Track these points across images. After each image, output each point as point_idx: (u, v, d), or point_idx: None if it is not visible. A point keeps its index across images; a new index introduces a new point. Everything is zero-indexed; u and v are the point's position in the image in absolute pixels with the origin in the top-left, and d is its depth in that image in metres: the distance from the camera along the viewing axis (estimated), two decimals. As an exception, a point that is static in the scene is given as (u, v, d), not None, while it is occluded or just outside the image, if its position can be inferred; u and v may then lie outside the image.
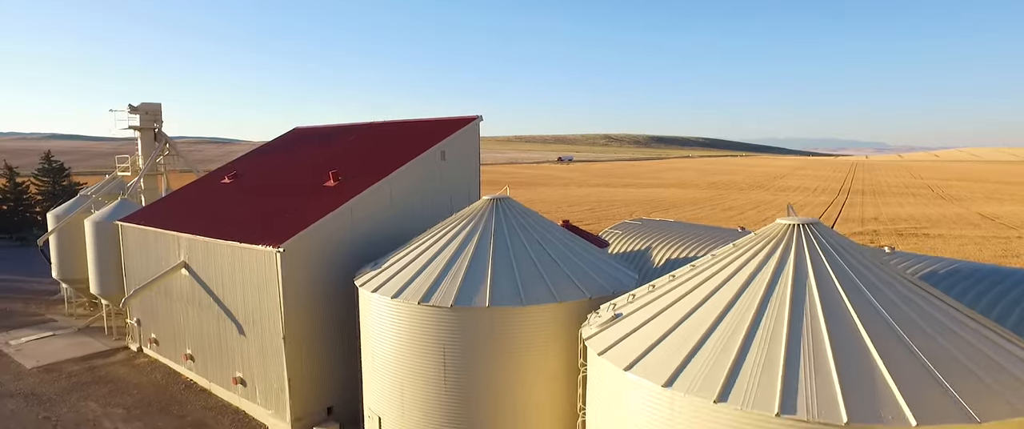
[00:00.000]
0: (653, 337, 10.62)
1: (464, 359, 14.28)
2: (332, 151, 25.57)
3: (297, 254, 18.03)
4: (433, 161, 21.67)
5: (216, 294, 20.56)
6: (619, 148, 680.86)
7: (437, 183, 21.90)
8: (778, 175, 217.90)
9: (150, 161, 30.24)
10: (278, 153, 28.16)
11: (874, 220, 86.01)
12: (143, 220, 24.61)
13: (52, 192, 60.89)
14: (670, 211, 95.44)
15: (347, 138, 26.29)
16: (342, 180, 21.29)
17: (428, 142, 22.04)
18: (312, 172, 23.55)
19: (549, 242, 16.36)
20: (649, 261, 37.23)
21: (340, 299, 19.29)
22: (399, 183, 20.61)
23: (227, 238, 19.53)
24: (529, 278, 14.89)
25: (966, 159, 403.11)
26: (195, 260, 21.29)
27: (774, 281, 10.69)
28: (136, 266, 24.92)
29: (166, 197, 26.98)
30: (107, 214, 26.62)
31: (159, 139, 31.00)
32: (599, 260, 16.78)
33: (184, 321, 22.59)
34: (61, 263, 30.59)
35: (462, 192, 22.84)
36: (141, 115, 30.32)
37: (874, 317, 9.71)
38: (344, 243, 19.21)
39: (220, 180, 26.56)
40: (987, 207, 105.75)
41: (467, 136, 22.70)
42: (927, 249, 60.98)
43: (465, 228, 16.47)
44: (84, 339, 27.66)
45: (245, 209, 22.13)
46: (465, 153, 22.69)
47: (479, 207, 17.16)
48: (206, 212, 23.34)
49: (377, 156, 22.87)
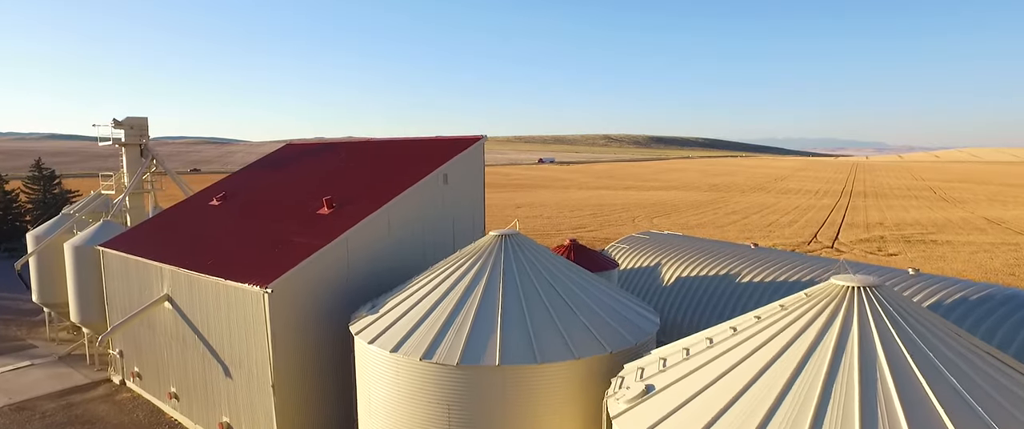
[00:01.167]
0: (697, 424, 9.09)
1: (472, 421, 12.78)
2: (326, 172, 24.03)
3: (287, 294, 16.51)
4: (435, 185, 20.14)
5: (201, 331, 19.03)
6: (619, 148, 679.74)
7: (439, 208, 20.38)
8: (779, 177, 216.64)
9: (136, 178, 28.66)
10: (269, 172, 26.62)
11: (879, 225, 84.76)
12: (125, 245, 23.07)
13: (43, 200, 59.26)
14: (672, 215, 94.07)
15: (341, 157, 24.75)
16: (336, 206, 19.76)
17: (429, 164, 20.52)
18: (305, 195, 22.01)
19: (562, 283, 14.87)
20: (659, 279, 35.76)
21: (334, 339, 17.77)
22: (398, 211, 19.09)
23: (212, 272, 18.00)
24: (543, 328, 13.40)
25: (967, 160, 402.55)
26: (179, 294, 19.75)
27: (838, 356, 9.18)
28: (118, 295, 23.39)
29: (151, 219, 25.44)
30: (88, 238, 25.07)
31: (145, 154, 29.42)
32: (617, 303, 15.28)
33: (168, 356, 21.07)
34: (41, 286, 29.03)
35: (466, 216, 21.33)
36: (126, 129, 28.71)
37: (954, 400, 8.22)
38: (339, 279, 17.69)
39: (208, 201, 25.02)
40: (991, 211, 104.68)
41: (470, 158, 21.16)
42: (937, 258, 59.71)
43: (471, 269, 14.96)
44: (64, 370, 26.09)
45: (232, 237, 20.59)
46: (468, 176, 21.16)
47: (485, 244, 15.66)
48: (192, 238, 21.81)
49: (374, 179, 21.35)
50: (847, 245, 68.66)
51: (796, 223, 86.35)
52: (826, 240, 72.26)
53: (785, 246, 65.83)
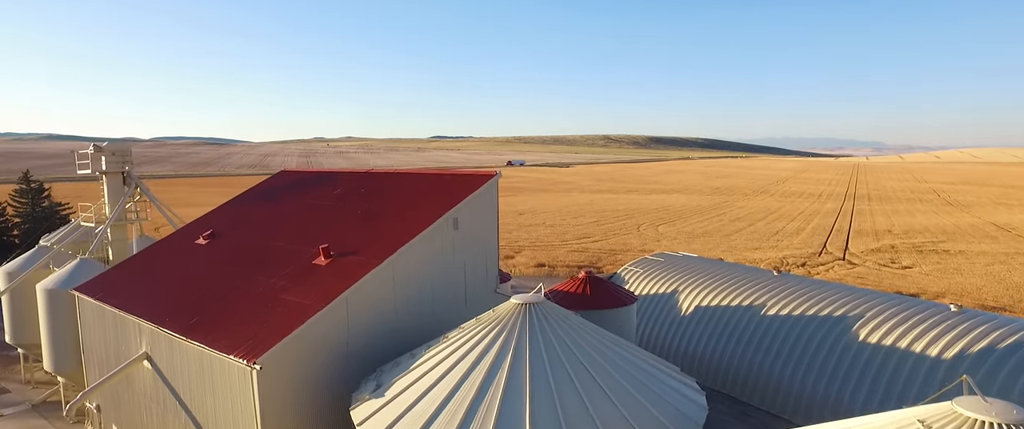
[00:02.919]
0: None
1: None
2: (322, 208, 21.95)
3: (278, 368, 14.47)
4: (444, 231, 18.10)
5: (182, 399, 16.99)
6: (619, 149, 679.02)
7: (449, 257, 18.33)
8: (780, 178, 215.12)
9: (118, 209, 26.52)
10: (261, 205, 24.52)
11: (888, 233, 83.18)
12: (103, 291, 20.99)
13: (31, 214, 57.09)
14: (677, 222, 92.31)
15: (339, 192, 22.65)
16: (334, 256, 17.71)
17: (437, 207, 18.47)
18: (299, 239, 19.95)
19: (595, 362, 12.85)
20: (677, 308, 33.71)
21: (332, 410, 15.73)
22: (404, 263, 17.04)
23: (195, 337, 15.95)
24: (577, 422, 11.41)
25: (967, 160, 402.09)
26: (159, 355, 17.70)
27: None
28: (95, 346, 21.31)
29: (133, 259, 23.32)
30: (63, 279, 22.95)
31: (129, 183, 27.27)
32: (659, 383, 13.27)
33: (148, 420, 19.00)
34: (14, 326, 26.87)
35: (477, 263, 19.28)
36: (107, 156, 26.56)
37: None
38: (337, 344, 15.65)
39: (195, 239, 22.93)
40: (999, 215, 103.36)
41: (483, 198, 19.09)
42: (952, 270, 58.04)
43: (491, 347, 12.94)
44: (36, 422, 23.96)
45: (219, 289, 18.53)
46: (481, 218, 19.10)
47: (506, 314, 13.64)
48: (175, 287, 19.74)
49: (375, 221, 19.30)
50: (859, 256, 66.92)
51: (803, 231, 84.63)
52: (837, 251, 70.55)
53: (795, 257, 64.07)
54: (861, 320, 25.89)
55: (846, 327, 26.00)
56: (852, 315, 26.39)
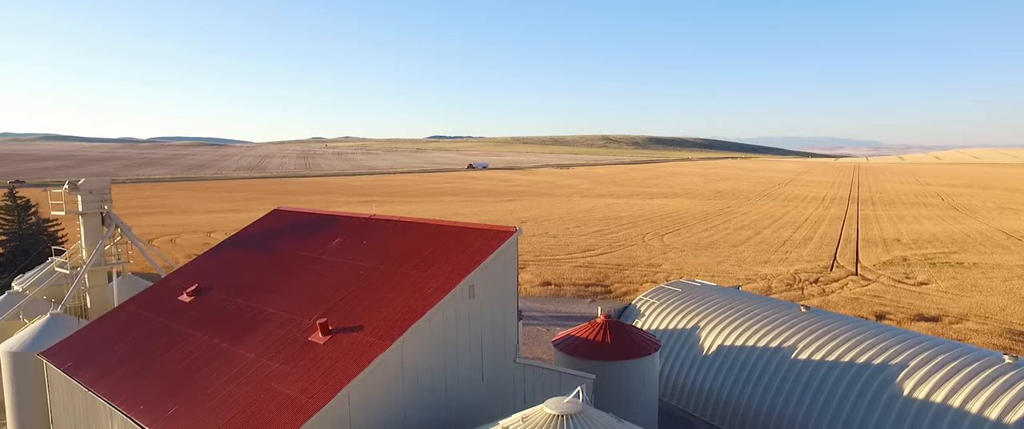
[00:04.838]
0: None
1: None
2: (320, 263, 19.69)
3: (269, 484, 12.29)
4: (459, 302, 15.89)
5: (160, 501, 14.79)
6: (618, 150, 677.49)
7: (464, 330, 16.13)
8: (782, 181, 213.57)
9: (96, 252, 24.25)
10: (252, 255, 22.23)
11: (897, 242, 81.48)
12: (74, 358, 18.74)
13: (17, 232, 54.70)
14: (682, 232, 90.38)
15: (338, 244, 20.38)
16: (333, 332, 15.51)
17: (450, 271, 16.25)
18: (293, 304, 17.72)
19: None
20: (698, 346, 31.52)
21: (333, 520, 13.58)
22: (414, 343, 14.85)
23: (172, 435, 13.76)
24: None
25: (967, 161, 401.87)
26: (133, 446, 15.49)
27: None
28: (64, 416, 19.06)
29: (110, 316, 21.04)
30: (30, 340, 20.64)
31: (108, 223, 25.00)
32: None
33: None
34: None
35: (496, 331, 17.05)
36: (83, 195, 24.27)
37: None
38: (338, 445, 13.48)
39: (178, 294, 20.68)
40: (1006, 221, 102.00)
41: (502, 259, 16.84)
42: (970, 286, 56.23)
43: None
44: (5, 496, 21.76)
45: (203, 362, 16.31)
46: (499, 282, 16.86)
47: (538, 425, 11.53)
48: (154, 356, 17.51)
49: (380, 284, 17.08)
50: (871, 271, 65.06)
51: (811, 241, 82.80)
52: (848, 264, 68.71)
53: (808, 272, 62.15)
54: (905, 370, 23.86)
55: (888, 378, 23.96)
56: (894, 364, 24.38)
